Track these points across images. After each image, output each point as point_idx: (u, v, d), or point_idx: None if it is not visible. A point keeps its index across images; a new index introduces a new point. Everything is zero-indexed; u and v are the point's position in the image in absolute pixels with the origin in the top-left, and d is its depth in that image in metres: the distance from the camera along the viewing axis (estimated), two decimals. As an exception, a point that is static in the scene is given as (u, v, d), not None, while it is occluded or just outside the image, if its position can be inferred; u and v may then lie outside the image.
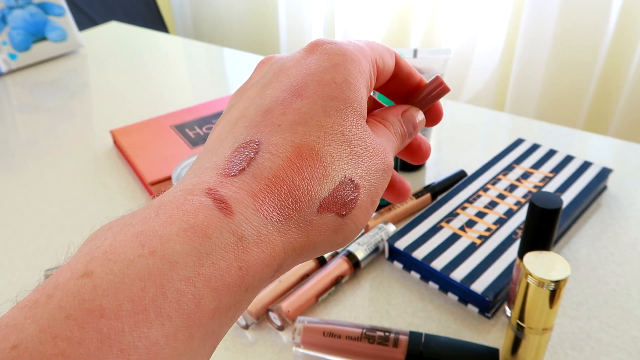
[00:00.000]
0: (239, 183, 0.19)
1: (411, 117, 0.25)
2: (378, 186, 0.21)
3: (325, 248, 0.20)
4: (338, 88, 0.21)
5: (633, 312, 0.45)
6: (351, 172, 0.20)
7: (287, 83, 0.21)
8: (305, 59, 0.22)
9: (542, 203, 0.36)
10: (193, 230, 0.17)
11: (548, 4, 1.15)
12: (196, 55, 1.08)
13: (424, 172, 0.65)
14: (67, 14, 1.04)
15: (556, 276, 0.33)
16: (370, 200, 0.21)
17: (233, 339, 0.44)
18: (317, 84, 0.21)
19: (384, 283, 0.49)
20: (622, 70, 1.16)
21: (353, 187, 0.20)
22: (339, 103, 0.21)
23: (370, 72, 0.23)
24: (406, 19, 1.42)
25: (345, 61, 0.22)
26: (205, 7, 1.88)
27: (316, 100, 0.20)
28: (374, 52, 0.23)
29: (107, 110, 0.85)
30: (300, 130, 0.20)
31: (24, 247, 0.56)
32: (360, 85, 0.22)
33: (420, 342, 0.40)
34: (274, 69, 0.23)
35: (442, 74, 0.59)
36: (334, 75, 0.21)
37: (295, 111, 0.20)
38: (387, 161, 0.22)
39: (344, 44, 0.22)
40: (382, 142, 0.22)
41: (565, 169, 0.58)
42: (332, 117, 0.20)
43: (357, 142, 0.21)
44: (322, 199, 0.19)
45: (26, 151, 0.74)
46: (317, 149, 0.20)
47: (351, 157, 0.20)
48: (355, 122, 0.21)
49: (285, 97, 0.21)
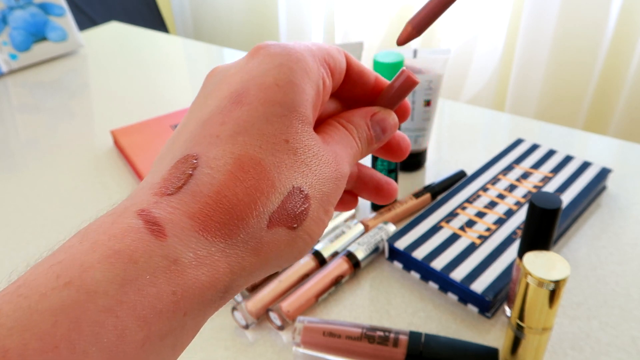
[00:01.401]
0: (175, 202, 0.17)
1: (381, 121, 0.24)
2: (330, 195, 0.20)
3: (280, 263, 0.19)
4: (281, 91, 0.19)
5: (633, 312, 0.45)
6: (300, 181, 0.19)
7: (227, 90, 0.20)
8: (247, 64, 0.21)
9: (541, 203, 0.36)
10: (117, 255, 0.16)
11: (548, 4, 1.15)
12: (196, 55, 1.08)
13: (424, 172, 0.65)
14: (67, 14, 1.04)
15: (556, 276, 0.33)
16: (323, 210, 0.20)
17: (233, 339, 0.44)
18: (258, 88, 0.19)
19: (384, 283, 0.49)
20: (622, 70, 1.16)
21: (303, 198, 0.19)
22: (282, 108, 0.19)
23: (321, 71, 0.21)
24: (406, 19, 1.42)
25: (289, 61, 0.20)
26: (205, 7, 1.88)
27: (257, 106, 0.19)
28: (321, 50, 0.22)
29: (107, 110, 0.85)
30: (240, 140, 0.18)
31: (24, 247, 0.57)
32: (305, 87, 0.20)
33: (420, 342, 0.40)
34: (217, 78, 0.21)
35: (441, 74, 0.59)
36: (277, 77, 0.20)
37: (234, 120, 0.19)
38: (340, 169, 0.21)
39: (288, 44, 0.21)
40: (336, 149, 0.21)
41: (565, 169, 0.58)
42: (275, 124, 0.19)
43: (303, 150, 0.19)
44: (270, 212, 0.18)
45: (26, 151, 0.75)
46: (260, 159, 0.18)
47: (298, 165, 0.19)
48: (301, 129, 0.20)
49: (225, 106, 0.19)
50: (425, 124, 0.62)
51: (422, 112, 0.61)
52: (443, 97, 0.80)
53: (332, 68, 0.22)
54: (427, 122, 0.62)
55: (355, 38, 1.50)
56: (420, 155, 0.64)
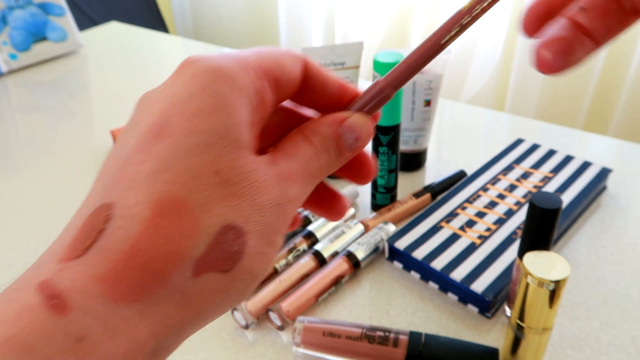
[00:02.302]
0: (81, 266, 0.15)
1: (353, 126, 0.21)
2: (274, 224, 0.18)
3: (218, 310, 0.17)
4: (207, 117, 0.17)
5: (633, 312, 0.45)
6: (232, 216, 0.17)
7: (148, 122, 0.17)
8: (171, 86, 0.18)
9: (542, 203, 0.36)
10: (9, 344, 0.14)
11: (548, 4, 1.15)
12: (196, 55, 1.08)
13: (424, 172, 0.65)
14: (67, 14, 1.04)
15: (556, 276, 0.33)
16: (265, 242, 0.18)
17: (233, 339, 0.44)
18: (182, 116, 0.17)
19: (384, 283, 0.49)
20: (622, 70, 1.16)
21: (236, 235, 0.17)
22: (209, 136, 0.17)
23: (257, 85, 0.19)
24: (406, 19, 1.42)
25: (215, 80, 0.18)
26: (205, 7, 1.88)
27: (180, 137, 0.17)
28: (263, 59, 0.19)
29: (107, 110, 0.85)
30: (162, 180, 0.16)
31: (24, 247, 0.57)
32: (237, 107, 0.18)
33: (420, 342, 0.40)
34: (142, 107, 0.19)
35: (441, 74, 0.59)
36: (202, 102, 0.17)
37: (155, 156, 0.17)
38: (285, 193, 0.18)
39: (215, 58, 0.18)
40: (284, 168, 0.19)
41: (565, 169, 0.58)
42: (202, 155, 0.17)
43: (236, 180, 0.17)
44: (196, 258, 0.16)
45: (26, 151, 0.75)
46: (183, 199, 0.16)
47: (231, 198, 0.17)
48: (233, 156, 0.17)
49: (146, 141, 0.17)
50: (425, 124, 0.62)
51: (422, 112, 0.61)
52: (443, 97, 0.80)
53: (278, 77, 0.20)
54: (427, 122, 0.62)
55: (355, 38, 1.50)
56: (420, 155, 0.64)
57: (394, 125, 0.53)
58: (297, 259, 0.49)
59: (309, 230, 0.52)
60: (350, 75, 0.57)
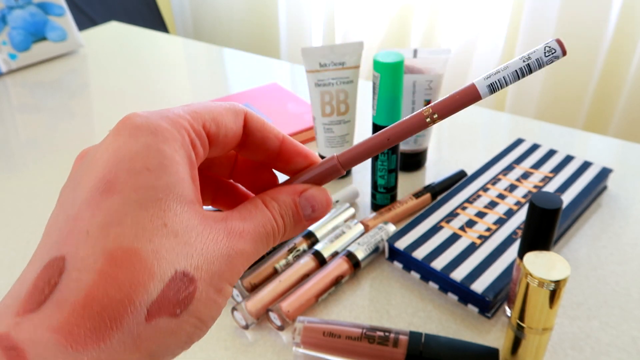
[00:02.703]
0: (38, 319, 0.16)
1: (310, 198, 0.23)
2: (223, 273, 0.19)
3: (168, 353, 0.18)
4: (153, 175, 0.18)
5: (633, 312, 0.45)
6: (183, 264, 0.18)
7: (95, 178, 0.18)
8: (112, 144, 0.19)
9: (542, 203, 0.36)
10: None
11: (548, 4, 1.15)
12: (196, 55, 1.08)
13: (424, 172, 0.65)
14: (67, 14, 1.04)
15: (556, 276, 0.33)
16: (214, 289, 0.19)
17: (233, 339, 0.44)
18: (128, 174, 0.18)
19: (384, 283, 0.49)
20: (622, 70, 1.16)
21: (187, 281, 0.18)
22: (156, 192, 0.18)
23: (195, 141, 0.20)
24: (406, 19, 1.42)
25: (156, 141, 0.19)
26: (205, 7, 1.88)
27: (129, 193, 0.18)
28: (198, 115, 0.20)
29: (107, 110, 0.85)
30: (113, 233, 0.17)
31: (24, 247, 0.56)
32: (178, 166, 0.19)
33: (420, 342, 0.40)
34: (85, 163, 0.19)
35: (441, 74, 0.59)
36: (146, 161, 0.18)
37: (106, 211, 0.17)
38: (236, 246, 0.20)
39: (152, 117, 0.19)
40: (236, 225, 0.20)
41: (565, 169, 0.58)
42: (150, 209, 0.18)
43: (184, 231, 0.18)
44: (149, 303, 0.17)
45: (26, 151, 0.75)
46: (136, 249, 0.17)
47: (181, 247, 0.18)
48: (180, 210, 0.18)
49: (95, 196, 0.18)
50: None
51: (422, 112, 0.61)
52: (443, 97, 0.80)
53: (214, 134, 0.21)
54: (427, 122, 0.62)
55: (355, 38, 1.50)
56: (420, 155, 0.64)
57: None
58: (297, 259, 0.49)
59: (309, 230, 0.52)
60: (350, 75, 0.57)
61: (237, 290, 0.47)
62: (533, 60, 0.20)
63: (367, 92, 0.81)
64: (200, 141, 0.20)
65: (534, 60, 0.20)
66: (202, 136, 0.21)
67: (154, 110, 0.20)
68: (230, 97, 0.81)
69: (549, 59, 0.20)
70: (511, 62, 0.21)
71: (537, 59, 0.20)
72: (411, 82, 0.59)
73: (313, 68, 0.57)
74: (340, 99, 0.58)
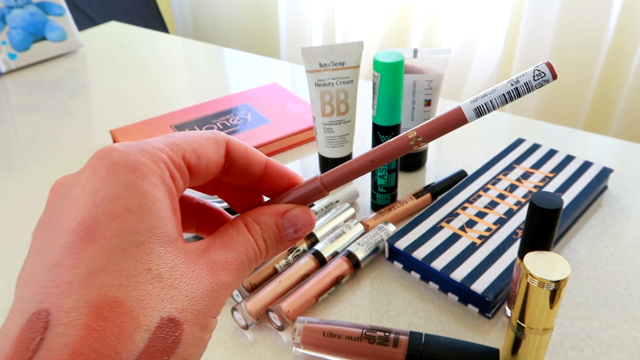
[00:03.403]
0: None
1: (293, 219, 0.23)
2: (208, 310, 0.19)
3: None
4: (134, 217, 0.18)
5: (633, 312, 0.45)
6: (168, 309, 0.18)
7: (74, 221, 0.18)
8: (90, 182, 0.18)
9: (542, 203, 0.36)
10: None
11: (548, 3, 1.15)
12: (196, 55, 1.08)
13: (424, 172, 0.65)
14: (66, 13, 1.04)
15: (556, 276, 0.33)
16: (199, 328, 0.19)
17: (233, 339, 0.44)
18: (109, 217, 0.18)
19: (384, 283, 0.49)
20: (623, 70, 1.16)
21: (173, 326, 0.18)
22: (138, 236, 0.18)
23: (174, 174, 0.20)
24: (406, 18, 1.42)
25: (136, 180, 0.18)
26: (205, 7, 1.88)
27: (111, 239, 0.17)
28: (178, 147, 0.20)
29: (107, 110, 0.85)
30: (97, 283, 0.17)
31: (24, 247, 0.56)
32: (160, 204, 0.19)
33: (420, 342, 0.40)
34: (62, 201, 0.19)
35: (441, 74, 0.59)
36: (127, 203, 0.18)
37: (88, 259, 0.17)
38: (219, 280, 0.19)
39: (130, 152, 0.19)
40: (217, 256, 0.20)
41: (566, 169, 0.58)
42: (134, 254, 0.17)
43: (169, 274, 0.18)
44: (137, 354, 0.17)
45: (26, 151, 0.74)
46: (121, 300, 0.17)
47: (166, 291, 0.18)
48: (163, 252, 0.18)
49: (75, 243, 0.17)
50: (425, 124, 0.62)
51: (422, 112, 0.61)
52: (443, 97, 0.80)
53: (195, 166, 0.21)
54: (427, 122, 0.62)
55: (355, 38, 1.50)
56: (420, 155, 0.64)
57: (394, 125, 0.52)
58: (297, 259, 0.49)
59: (309, 230, 0.52)
60: (350, 75, 0.57)
61: (237, 290, 0.47)
62: (522, 84, 0.20)
63: (367, 92, 0.81)
64: (180, 174, 0.20)
65: (522, 84, 0.20)
66: (182, 169, 0.20)
67: (132, 142, 0.20)
68: (230, 97, 0.81)
69: (538, 82, 0.20)
70: (499, 85, 0.20)
71: (526, 83, 0.20)
72: (411, 82, 0.59)
73: (313, 68, 0.57)
74: (340, 99, 0.58)
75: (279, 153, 0.70)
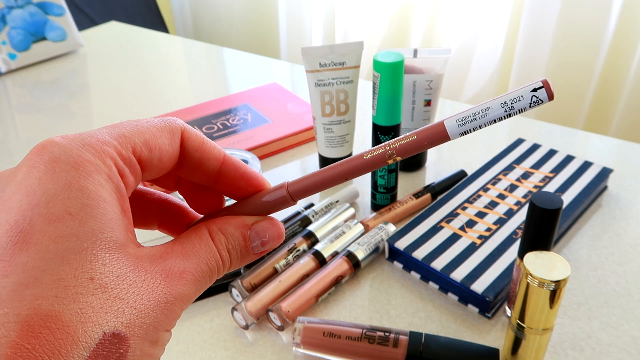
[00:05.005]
0: None
1: (261, 232, 0.21)
2: (159, 323, 0.17)
3: None
4: (75, 220, 0.16)
5: (634, 312, 0.45)
6: (113, 323, 0.16)
7: (6, 224, 0.16)
8: (26, 180, 0.16)
9: (542, 203, 0.36)
10: None
11: (548, 4, 1.15)
12: (196, 55, 1.08)
13: (424, 172, 0.65)
14: (66, 13, 1.04)
15: (556, 276, 0.33)
16: (149, 342, 0.17)
17: (233, 339, 0.44)
18: (46, 220, 0.16)
19: (384, 283, 0.49)
20: (623, 70, 1.16)
21: (118, 342, 0.16)
22: (80, 241, 0.16)
23: (123, 170, 0.18)
24: (406, 18, 1.42)
25: (77, 177, 0.16)
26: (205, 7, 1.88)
27: (47, 245, 0.15)
28: (127, 140, 0.18)
29: (107, 110, 0.85)
30: (29, 295, 0.15)
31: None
32: (105, 205, 0.17)
33: (420, 342, 0.40)
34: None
35: (441, 74, 0.59)
36: (67, 204, 0.16)
37: (20, 268, 0.15)
38: (174, 290, 0.18)
39: (71, 147, 0.17)
40: (175, 264, 0.18)
41: (566, 169, 0.58)
42: (73, 262, 0.15)
43: (115, 283, 0.16)
44: None
45: (26, 151, 0.74)
46: (57, 313, 0.15)
47: (110, 303, 0.16)
48: (109, 258, 0.16)
49: (6, 249, 0.15)
50: (425, 124, 0.62)
51: (422, 112, 0.61)
52: (443, 97, 0.80)
53: (146, 159, 0.19)
54: (427, 122, 0.62)
55: (355, 38, 1.50)
56: (420, 155, 0.64)
57: (394, 125, 0.52)
58: (297, 259, 0.49)
59: (309, 230, 0.52)
60: (350, 75, 0.57)
61: (237, 290, 0.47)
62: (516, 110, 0.19)
63: (367, 92, 0.81)
64: (130, 169, 0.18)
65: (516, 110, 0.19)
66: (131, 163, 0.18)
67: (74, 134, 0.17)
68: (230, 97, 0.81)
69: (533, 105, 0.19)
70: (492, 108, 0.19)
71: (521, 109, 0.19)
72: (411, 82, 0.59)
73: (313, 68, 0.57)
74: (340, 99, 0.58)
75: (279, 153, 0.70)
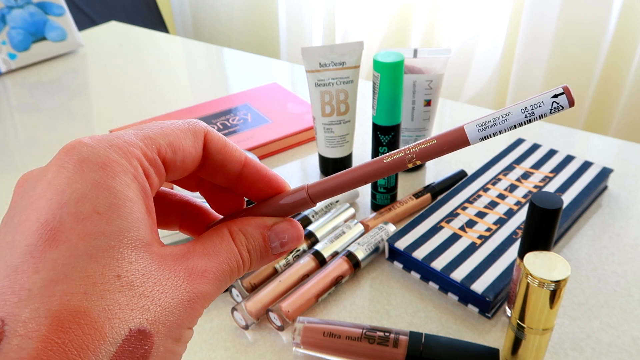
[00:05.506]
0: None
1: (281, 233, 0.21)
2: (182, 321, 0.17)
3: None
4: (103, 219, 0.16)
5: (634, 312, 0.45)
6: (138, 320, 0.16)
7: (37, 222, 0.16)
8: (56, 180, 0.17)
9: (542, 203, 0.36)
10: None
11: (548, 4, 1.15)
12: (196, 55, 1.08)
13: (424, 172, 0.65)
14: (66, 13, 1.04)
15: (556, 276, 0.33)
16: (172, 339, 0.17)
17: (233, 339, 0.44)
18: (75, 219, 0.16)
19: (384, 283, 0.49)
20: (623, 70, 1.16)
21: (143, 338, 0.16)
22: (107, 239, 0.16)
23: (148, 170, 0.19)
24: (406, 18, 1.42)
25: (105, 177, 0.17)
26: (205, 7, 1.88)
27: (77, 242, 0.16)
28: (152, 141, 0.19)
29: (107, 110, 0.85)
30: (59, 291, 0.15)
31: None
32: (132, 204, 0.17)
33: (420, 342, 0.40)
34: (25, 198, 0.17)
35: (441, 74, 0.59)
36: (95, 203, 0.16)
37: (50, 265, 0.16)
38: (196, 288, 0.18)
39: (99, 147, 0.17)
40: (197, 264, 0.19)
41: (566, 169, 0.58)
42: (101, 260, 0.16)
43: (141, 281, 0.17)
44: None
45: (25, 151, 0.74)
46: (85, 309, 0.15)
47: (137, 300, 0.16)
48: (135, 257, 0.17)
49: (37, 246, 0.16)
50: (425, 124, 0.62)
51: (422, 112, 0.61)
52: (443, 97, 0.80)
53: (170, 160, 0.19)
54: (427, 122, 0.62)
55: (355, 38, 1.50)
56: (420, 155, 0.64)
57: (394, 125, 0.52)
58: (297, 259, 0.49)
59: (309, 230, 0.52)
60: (350, 75, 0.57)
61: (237, 290, 0.47)
62: (536, 115, 0.19)
63: (367, 92, 0.81)
64: (155, 170, 0.19)
65: (537, 116, 0.19)
66: (156, 164, 0.19)
67: (102, 135, 0.18)
68: (230, 97, 0.81)
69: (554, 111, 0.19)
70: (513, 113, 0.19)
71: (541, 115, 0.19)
72: (411, 82, 0.59)
73: (313, 68, 0.57)
74: (340, 99, 0.58)
75: (279, 153, 0.70)
